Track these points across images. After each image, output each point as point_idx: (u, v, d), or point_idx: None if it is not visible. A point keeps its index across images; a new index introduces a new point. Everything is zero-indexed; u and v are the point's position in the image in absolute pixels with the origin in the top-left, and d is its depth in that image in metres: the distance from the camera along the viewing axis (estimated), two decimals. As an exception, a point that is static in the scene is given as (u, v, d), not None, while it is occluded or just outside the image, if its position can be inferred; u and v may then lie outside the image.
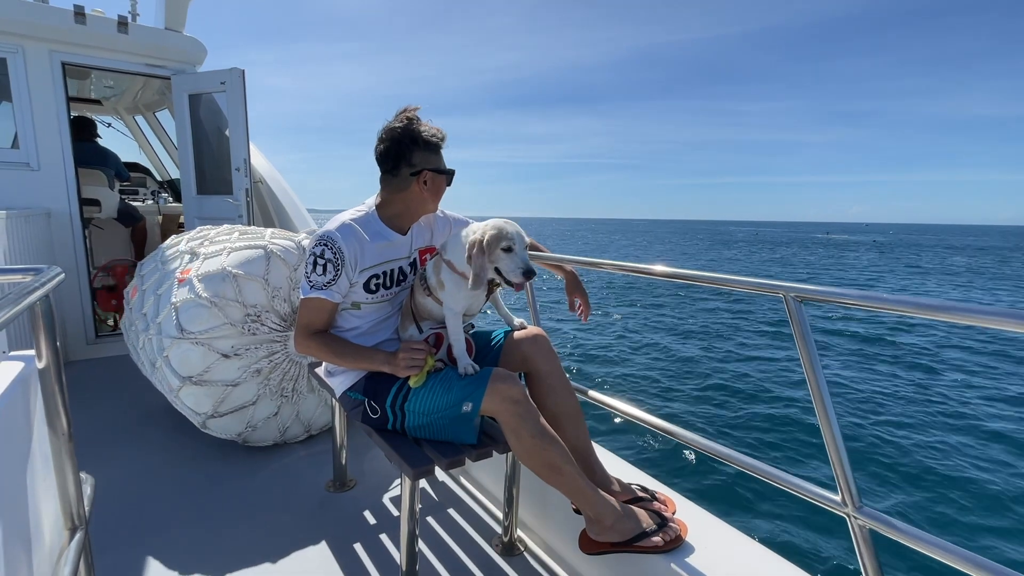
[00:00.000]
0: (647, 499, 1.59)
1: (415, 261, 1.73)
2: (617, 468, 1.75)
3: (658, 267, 1.55)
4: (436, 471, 1.67)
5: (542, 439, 1.42)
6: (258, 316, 2.31)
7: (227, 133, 3.93)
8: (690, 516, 1.54)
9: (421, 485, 2.16)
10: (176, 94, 4.02)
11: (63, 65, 3.62)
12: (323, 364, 1.82)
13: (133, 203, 5.25)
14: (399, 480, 2.18)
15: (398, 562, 1.71)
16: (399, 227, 1.67)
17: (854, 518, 1.12)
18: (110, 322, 4.32)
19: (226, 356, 2.24)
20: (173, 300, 2.26)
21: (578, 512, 1.52)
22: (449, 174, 1.67)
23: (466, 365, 1.53)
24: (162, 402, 2.74)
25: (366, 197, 1.73)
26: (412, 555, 1.51)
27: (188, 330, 2.19)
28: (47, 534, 0.99)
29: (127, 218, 4.85)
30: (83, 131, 4.53)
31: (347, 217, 1.61)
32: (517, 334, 1.71)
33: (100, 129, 5.00)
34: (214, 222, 3.29)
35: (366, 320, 1.67)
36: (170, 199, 5.89)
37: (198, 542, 1.82)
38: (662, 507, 1.55)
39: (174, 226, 5.35)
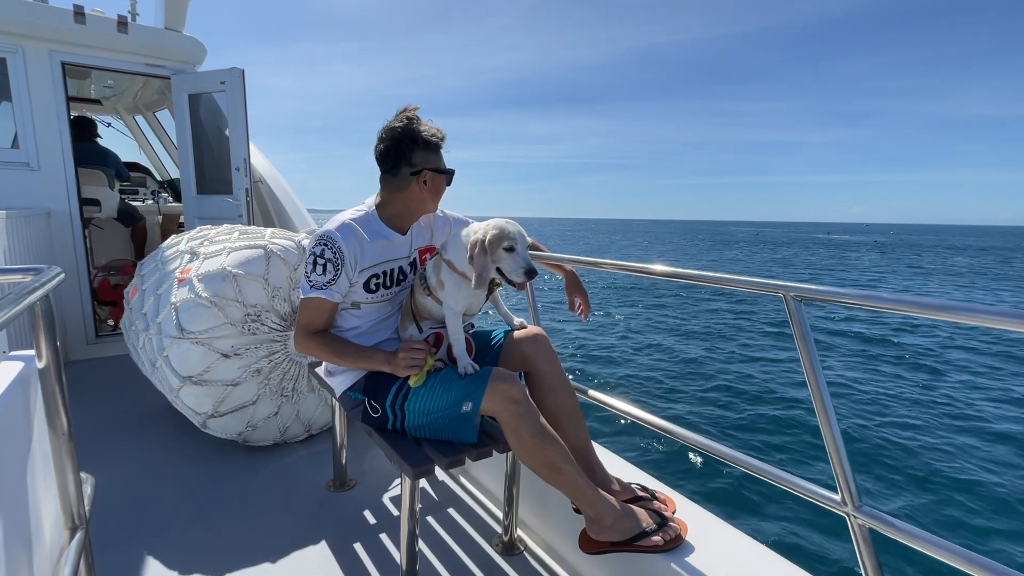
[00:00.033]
0: (647, 498, 1.59)
1: (415, 261, 1.73)
2: (617, 467, 1.75)
3: (658, 267, 1.55)
4: (436, 471, 1.67)
5: (542, 439, 1.42)
6: (258, 316, 2.31)
7: (227, 133, 3.93)
8: (690, 515, 1.54)
9: (421, 485, 2.16)
10: (176, 94, 4.02)
11: (63, 65, 3.62)
12: (323, 364, 1.82)
13: (133, 203, 5.26)
14: (399, 480, 2.19)
15: (398, 561, 1.72)
16: (399, 227, 1.67)
17: (854, 517, 1.13)
18: (110, 322, 4.32)
19: (226, 356, 2.24)
20: (173, 300, 2.26)
21: (578, 511, 1.52)
22: (449, 174, 1.67)
23: (466, 365, 1.53)
24: (162, 402, 2.75)
25: (366, 197, 1.72)
26: (412, 554, 1.51)
27: (188, 330, 2.19)
28: (47, 534, 0.99)
29: (127, 218, 4.85)
30: (83, 131, 4.53)
31: (347, 217, 1.61)
32: (517, 334, 1.71)
33: (100, 129, 5.00)
34: (214, 222, 3.29)
35: (366, 320, 1.67)
36: (170, 199, 5.89)
37: (198, 542, 1.83)
38: (662, 506, 1.55)
39: (174, 226, 5.35)
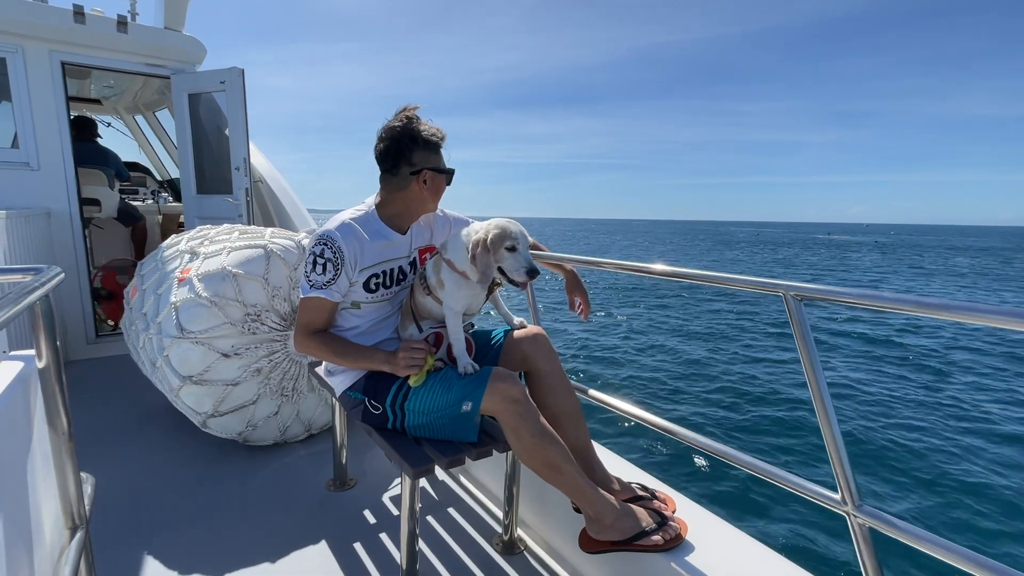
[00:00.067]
0: (647, 498, 1.59)
1: (415, 260, 1.73)
2: (617, 467, 1.75)
3: (658, 266, 1.55)
4: (436, 470, 1.67)
5: (542, 438, 1.42)
6: (258, 315, 2.31)
7: (227, 132, 3.93)
8: (690, 515, 1.54)
9: (421, 484, 2.16)
10: (176, 93, 4.02)
11: (63, 65, 3.62)
12: (323, 363, 1.82)
13: (133, 203, 5.26)
14: (399, 479, 2.19)
15: (398, 561, 1.72)
16: (399, 226, 1.67)
17: (854, 516, 1.13)
18: (109, 322, 4.33)
19: (226, 355, 2.24)
20: (173, 300, 2.26)
21: (578, 511, 1.52)
22: (449, 173, 1.66)
23: (466, 364, 1.53)
24: (162, 401, 2.75)
25: (366, 197, 1.72)
26: (412, 554, 1.51)
27: (188, 329, 2.19)
28: (48, 533, 0.99)
29: (127, 218, 4.85)
30: (84, 131, 4.53)
31: (347, 216, 1.61)
32: (517, 333, 1.71)
33: (100, 129, 5.00)
34: (214, 221, 3.29)
35: (366, 319, 1.67)
36: (170, 199, 5.89)
37: (199, 541, 1.83)
38: (662, 506, 1.55)
39: (174, 226, 5.36)
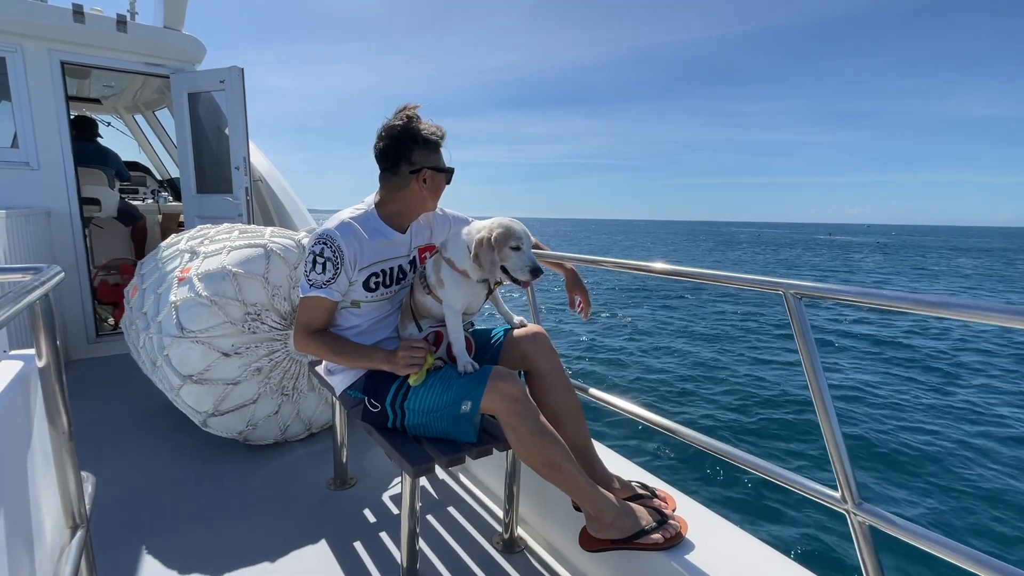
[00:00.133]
0: (647, 496, 1.59)
1: (415, 259, 1.73)
2: (617, 465, 1.75)
3: (658, 265, 1.55)
4: (436, 469, 1.67)
5: (542, 437, 1.42)
6: (258, 315, 2.31)
7: (226, 132, 3.93)
8: (690, 513, 1.54)
9: (421, 483, 2.16)
10: (175, 93, 4.02)
11: (62, 64, 3.62)
12: (323, 362, 1.82)
13: (133, 202, 5.26)
14: (400, 478, 2.19)
15: (399, 560, 1.72)
16: (398, 225, 1.67)
17: (854, 515, 1.13)
18: (110, 321, 4.33)
19: (226, 355, 2.24)
20: (173, 299, 2.26)
21: (578, 509, 1.52)
22: (448, 172, 1.66)
23: (465, 363, 1.53)
24: (163, 401, 2.75)
25: (366, 196, 1.73)
26: (413, 553, 1.51)
27: (188, 329, 2.19)
28: (48, 532, 0.99)
29: (127, 217, 4.85)
30: (84, 130, 4.53)
31: (346, 215, 1.61)
32: (517, 332, 1.71)
33: (100, 128, 5.00)
34: (214, 221, 3.29)
35: (365, 318, 1.67)
36: (170, 198, 5.89)
37: (199, 540, 1.83)
38: (662, 504, 1.55)
39: (174, 225, 5.36)
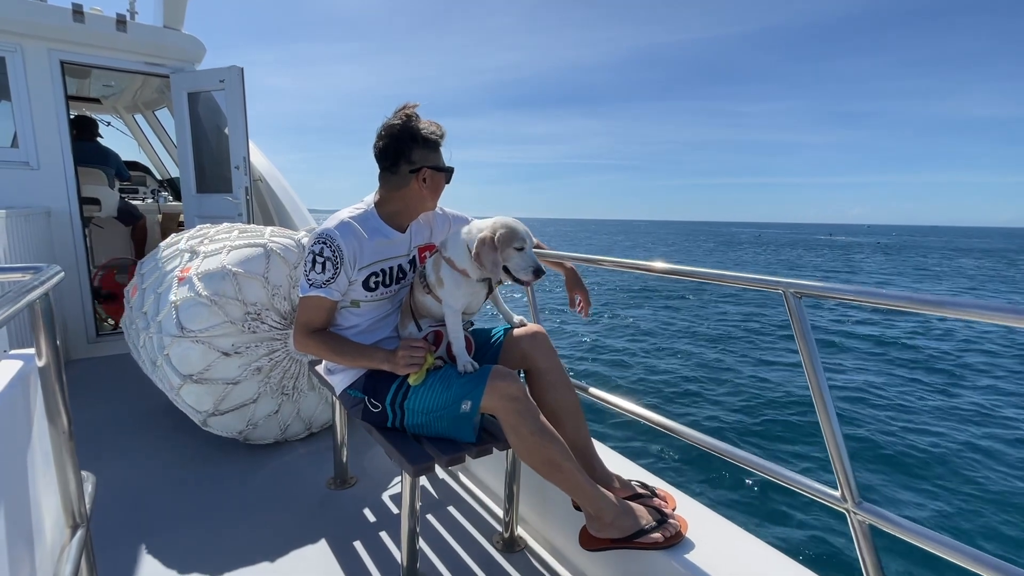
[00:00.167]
0: (647, 495, 1.59)
1: (414, 259, 1.73)
2: (617, 465, 1.75)
3: (658, 264, 1.55)
4: (436, 468, 1.67)
5: (541, 436, 1.42)
6: (258, 314, 2.31)
7: (226, 131, 3.93)
8: (690, 512, 1.54)
9: (421, 482, 2.16)
10: (175, 92, 4.02)
11: (62, 64, 3.61)
12: (323, 362, 1.82)
13: (133, 202, 5.26)
14: (400, 477, 2.19)
15: (399, 559, 1.72)
16: (398, 225, 1.67)
17: (853, 513, 1.13)
18: (110, 320, 4.33)
19: (226, 354, 2.24)
20: (173, 298, 2.26)
21: (578, 509, 1.52)
22: (448, 171, 1.66)
23: (465, 363, 1.53)
24: (163, 400, 2.75)
25: (366, 196, 1.72)
26: (413, 552, 1.52)
27: (188, 328, 2.19)
28: (48, 531, 0.99)
29: (127, 217, 4.85)
30: (84, 130, 4.54)
31: (346, 215, 1.61)
32: (517, 331, 1.71)
33: (100, 128, 5.00)
34: (214, 220, 3.29)
35: (365, 318, 1.67)
36: (170, 198, 5.89)
37: (199, 539, 1.83)
38: (662, 503, 1.55)
39: (174, 225, 5.36)
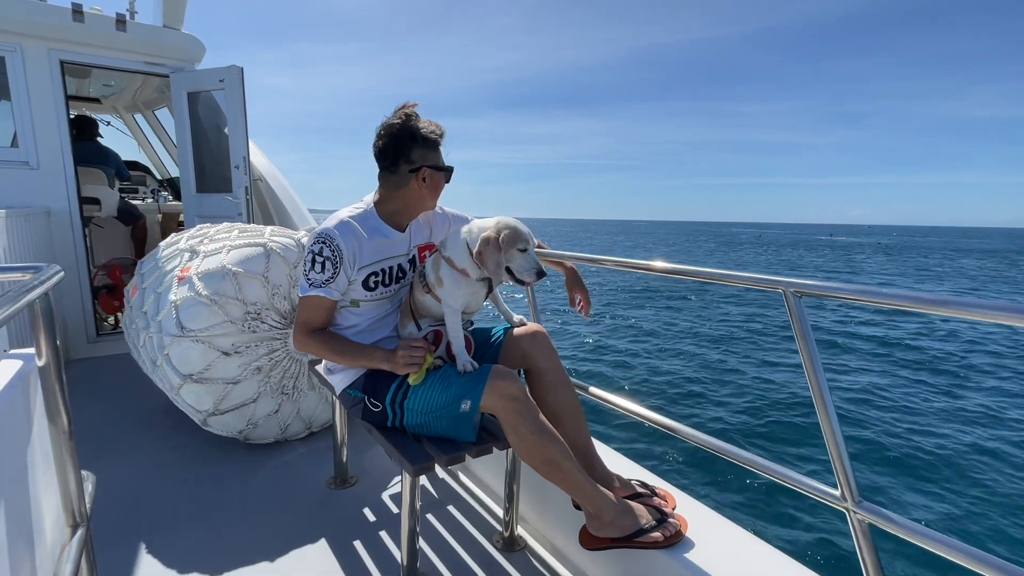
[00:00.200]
0: (647, 495, 1.59)
1: (414, 258, 1.73)
2: (617, 464, 1.75)
3: (658, 264, 1.56)
4: (436, 468, 1.67)
5: (541, 436, 1.42)
6: (258, 314, 2.31)
7: (226, 131, 3.93)
8: (690, 512, 1.55)
9: (421, 482, 2.16)
10: (175, 92, 4.01)
11: (61, 63, 3.61)
12: (323, 361, 1.82)
13: (133, 201, 5.26)
14: (400, 477, 2.19)
15: (399, 559, 1.72)
16: (398, 224, 1.67)
17: (853, 512, 1.13)
18: (110, 320, 4.33)
19: (226, 354, 2.24)
20: (173, 298, 2.26)
21: (578, 508, 1.52)
22: (448, 171, 1.66)
23: (465, 362, 1.53)
24: (163, 400, 2.75)
25: (366, 195, 1.72)
26: (413, 551, 1.52)
27: (188, 328, 2.19)
28: (49, 531, 0.99)
29: (127, 216, 4.85)
30: (85, 130, 4.54)
31: (345, 214, 1.60)
32: (517, 331, 1.71)
33: (99, 128, 5.00)
34: (214, 220, 3.29)
35: (365, 317, 1.67)
36: (170, 197, 5.89)
37: (200, 539, 1.83)
38: (662, 503, 1.55)
39: (174, 224, 5.36)
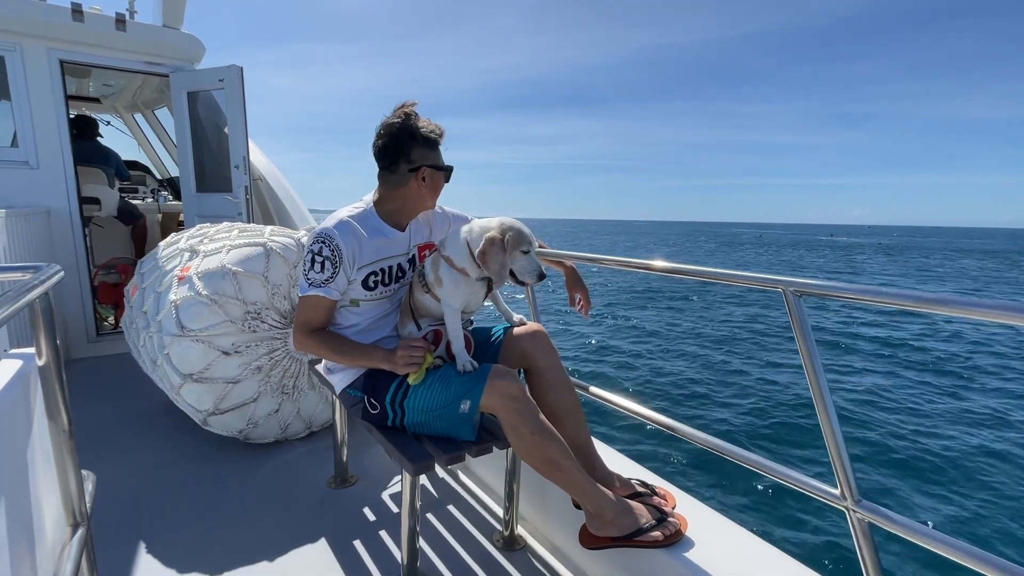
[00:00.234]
0: (647, 494, 1.59)
1: (414, 258, 1.73)
2: (617, 463, 1.76)
3: (658, 263, 1.56)
4: (436, 467, 1.67)
5: (541, 435, 1.42)
6: (258, 313, 2.31)
7: (226, 130, 3.93)
8: (690, 511, 1.55)
9: (422, 481, 2.17)
10: (174, 91, 4.01)
11: (61, 63, 3.61)
12: (323, 361, 1.82)
13: (133, 201, 5.26)
14: (400, 476, 2.20)
15: (399, 558, 1.72)
16: (397, 224, 1.67)
17: (853, 511, 1.13)
18: (110, 319, 4.33)
19: (227, 353, 2.24)
20: (173, 298, 2.26)
21: (578, 507, 1.52)
22: (447, 170, 1.66)
23: (465, 362, 1.53)
24: (163, 400, 2.75)
25: (365, 195, 1.72)
26: (413, 551, 1.52)
27: (188, 328, 2.19)
28: (49, 530, 0.99)
29: (127, 216, 4.85)
30: (85, 130, 4.54)
31: (345, 214, 1.60)
32: (516, 330, 1.71)
33: (99, 127, 5.00)
34: (214, 220, 3.28)
35: (365, 317, 1.67)
36: (170, 197, 5.89)
37: (200, 538, 1.83)
38: (662, 502, 1.56)
39: (174, 224, 5.36)
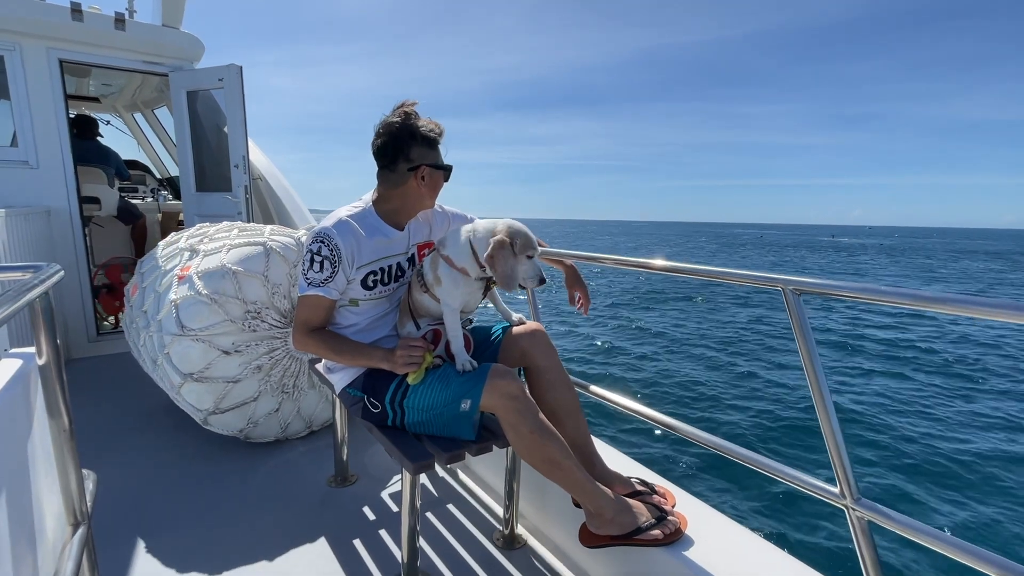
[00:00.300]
0: (647, 492, 1.59)
1: (413, 257, 1.73)
2: (617, 462, 1.76)
3: (658, 262, 1.56)
4: (436, 466, 1.67)
5: (541, 434, 1.42)
6: (258, 313, 2.31)
7: (225, 130, 3.93)
8: (689, 509, 1.55)
9: (422, 480, 2.17)
10: (174, 91, 4.01)
11: (61, 62, 3.61)
12: (323, 360, 1.83)
13: (133, 201, 5.26)
14: (400, 475, 2.20)
15: (399, 557, 1.73)
16: (396, 223, 1.67)
17: (852, 510, 1.13)
18: (110, 319, 4.33)
19: (227, 353, 2.24)
20: (173, 297, 2.26)
21: (578, 506, 1.52)
22: (447, 170, 1.66)
23: (464, 361, 1.53)
24: (164, 399, 2.75)
25: (364, 194, 1.72)
26: (413, 550, 1.52)
27: (188, 327, 2.19)
28: (50, 529, 0.99)
29: (127, 216, 4.86)
30: (85, 129, 4.54)
31: (344, 213, 1.60)
32: (516, 329, 1.71)
33: (99, 127, 5.00)
34: (213, 219, 3.28)
35: (364, 317, 1.68)
36: (170, 196, 5.89)
37: (200, 537, 1.84)
38: (661, 500, 1.56)
39: (174, 223, 5.36)
